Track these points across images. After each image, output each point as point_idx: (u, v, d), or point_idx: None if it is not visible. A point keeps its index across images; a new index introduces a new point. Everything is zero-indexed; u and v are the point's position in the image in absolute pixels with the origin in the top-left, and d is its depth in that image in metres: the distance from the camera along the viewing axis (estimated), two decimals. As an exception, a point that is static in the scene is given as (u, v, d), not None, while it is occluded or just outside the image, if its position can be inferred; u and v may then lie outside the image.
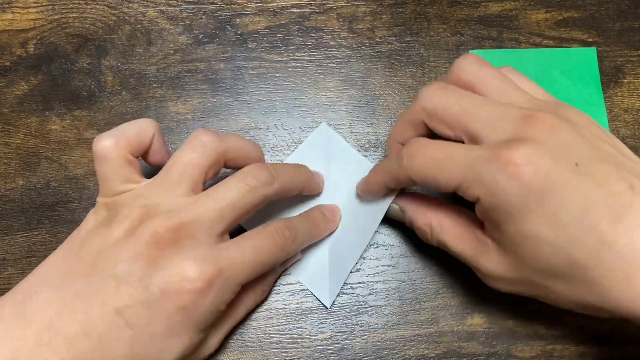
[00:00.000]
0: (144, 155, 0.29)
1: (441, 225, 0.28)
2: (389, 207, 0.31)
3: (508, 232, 0.24)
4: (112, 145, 0.27)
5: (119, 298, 0.24)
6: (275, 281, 0.32)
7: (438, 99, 0.26)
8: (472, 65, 0.27)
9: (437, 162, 0.25)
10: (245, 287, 0.27)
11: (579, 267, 0.23)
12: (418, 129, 0.28)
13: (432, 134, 0.28)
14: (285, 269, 0.32)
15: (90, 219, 0.27)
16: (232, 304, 0.27)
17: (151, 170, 0.33)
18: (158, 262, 0.25)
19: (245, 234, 0.27)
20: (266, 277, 0.30)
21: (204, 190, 0.27)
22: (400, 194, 0.30)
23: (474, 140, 0.25)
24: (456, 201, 0.28)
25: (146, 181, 0.28)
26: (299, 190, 0.31)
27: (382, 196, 0.31)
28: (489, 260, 0.26)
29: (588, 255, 0.23)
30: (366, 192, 0.31)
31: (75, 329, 0.23)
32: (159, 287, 0.24)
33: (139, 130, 0.28)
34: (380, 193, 0.30)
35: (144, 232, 0.25)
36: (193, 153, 0.27)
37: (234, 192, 0.26)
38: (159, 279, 0.24)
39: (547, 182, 0.22)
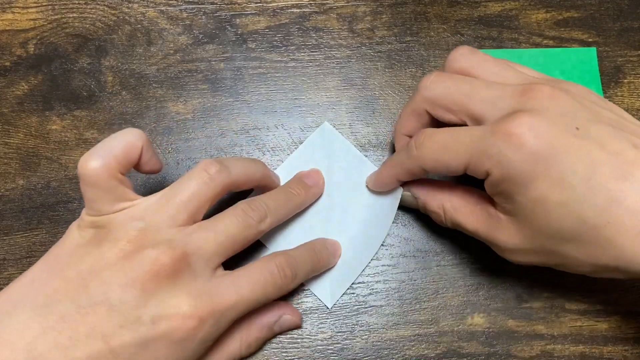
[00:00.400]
0: (140, 164, 0.28)
1: (453, 206, 0.29)
2: (403, 194, 0.31)
3: (519, 201, 0.24)
4: (100, 168, 0.25)
5: (108, 325, 0.23)
6: (266, 341, 0.30)
7: (437, 86, 0.27)
8: (464, 54, 0.28)
9: (445, 146, 0.26)
10: (232, 328, 0.27)
11: (591, 228, 0.23)
12: (422, 118, 0.29)
13: (436, 123, 0.29)
14: (282, 332, 0.31)
15: (75, 235, 0.26)
16: (215, 345, 0.27)
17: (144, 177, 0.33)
18: (154, 292, 0.24)
19: (245, 268, 0.27)
20: (257, 333, 0.29)
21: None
22: (411, 182, 0.31)
23: (477, 120, 0.26)
24: (465, 183, 0.29)
25: (141, 199, 0.26)
26: (295, 212, 0.31)
27: (392, 191, 0.31)
28: (504, 234, 0.26)
29: (598, 214, 0.23)
30: (377, 186, 0.32)
31: (57, 354, 0.22)
32: (151, 319, 0.23)
33: (127, 146, 0.26)
34: (392, 186, 0.31)
35: (144, 260, 0.24)
36: (200, 185, 0.26)
37: (232, 227, 0.26)
38: (152, 311, 0.24)
39: (550, 147, 0.23)
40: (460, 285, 0.32)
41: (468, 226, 0.28)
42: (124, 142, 0.26)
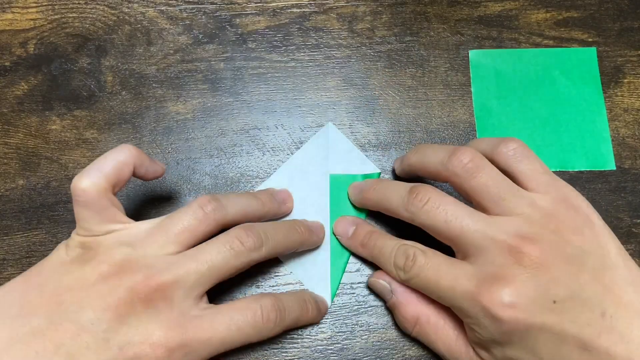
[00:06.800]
0: (138, 177, 0.28)
1: (429, 321, 0.28)
2: (378, 281, 0.30)
3: (495, 353, 0.26)
4: (90, 188, 0.26)
5: (75, 344, 0.23)
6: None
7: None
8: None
9: (438, 274, 0.26)
10: None
11: None
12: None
13: None
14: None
15: (61, 253, 0.26)
16: None
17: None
18: (126, 319, 0.24)
19: (229, 304, 0.26)
20: None
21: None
22: (392, 279, 0.29)
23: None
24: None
25: (133, 224, 0.27)
26: (293, 250, 0.30)
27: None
28: None
29: None
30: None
31: None
32: (119, 345, 0.24)
33: (117, 165, 0.27)
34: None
35: (120, 286, 0.24)
36: (194, 220, 0.26)
37: (217, 257, 0.26)
38: (121, 336, 0.24)
39: (526, 324, 0.24)
40: (460, 285, 0.32)
41: (441, 347, 0.28)
42: (115, 161, 0.27)
